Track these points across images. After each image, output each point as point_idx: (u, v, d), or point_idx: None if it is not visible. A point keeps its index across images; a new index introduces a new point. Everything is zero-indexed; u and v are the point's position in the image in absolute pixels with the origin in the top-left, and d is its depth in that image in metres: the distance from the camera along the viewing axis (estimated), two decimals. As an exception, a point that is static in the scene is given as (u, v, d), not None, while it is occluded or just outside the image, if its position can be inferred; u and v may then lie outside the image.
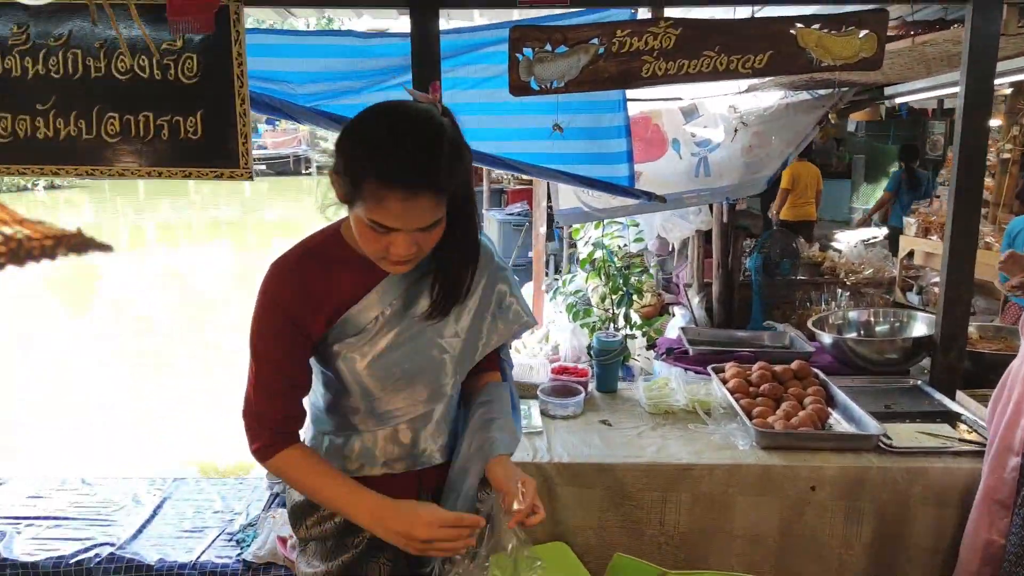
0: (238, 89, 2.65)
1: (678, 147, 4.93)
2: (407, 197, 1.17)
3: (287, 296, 1.33)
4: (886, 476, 2.17)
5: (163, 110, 2.64)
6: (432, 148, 1.18)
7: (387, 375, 1.40)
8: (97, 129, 2.66)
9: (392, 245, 1.23)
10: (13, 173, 2.76)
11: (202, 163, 2.69)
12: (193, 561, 2.47)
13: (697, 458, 2.25)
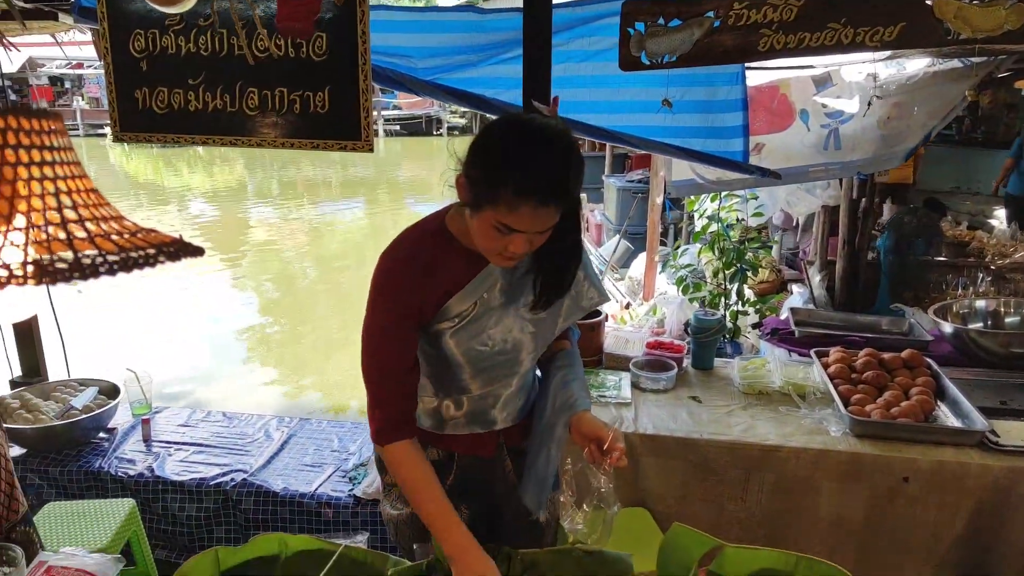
0: (361, 67, 2.83)
1: (806, 118, 4.72)
2: (539, 206, 1.29)
3: (404, 285, 1.45)
4: (987, 473, 2.09)
5: (295, 86, 2.87)
6: (565, 164, 1.30)
7: (478, 353, 1.54)
8: (239, 103, 2.94)
9: (511, 244, 1.34)
10: (169, 142, 3.11)
11: (328, 136, 2.90)
12: (312, 492, 2.77)
13: (785, 440, 2.25)
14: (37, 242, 0.93)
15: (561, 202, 1.31)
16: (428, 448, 1.64)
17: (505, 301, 1.53)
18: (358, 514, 2.68)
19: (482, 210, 1.33)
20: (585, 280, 1.62)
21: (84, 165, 1.11)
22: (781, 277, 6.30)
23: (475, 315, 1.50)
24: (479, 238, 1.39)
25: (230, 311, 7.82)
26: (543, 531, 1.74)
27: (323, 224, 12.82)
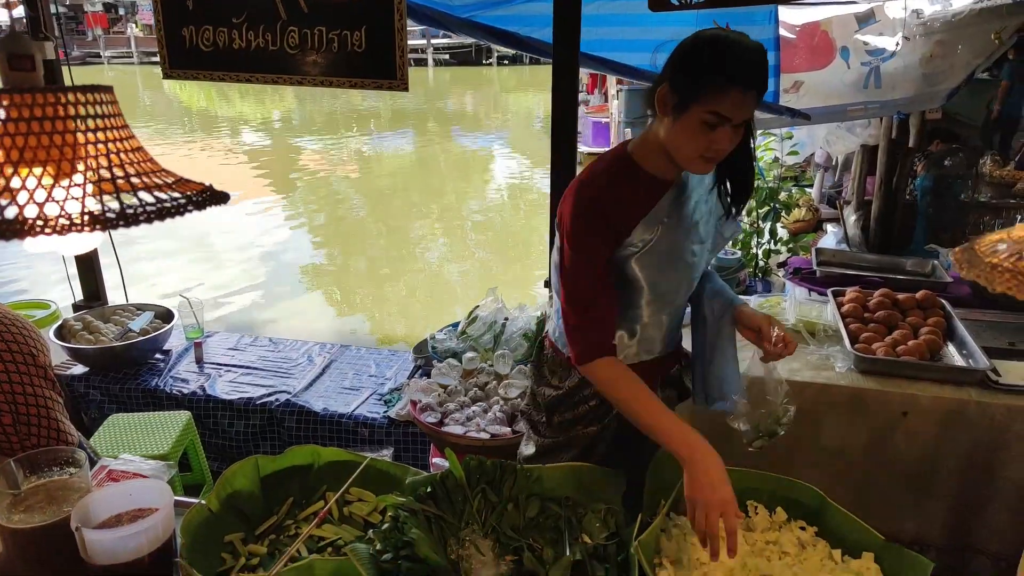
0: (397, 5, 2.91)
1: (847, 56, 4.63)
2: (745, 91, 1.41)
3: (600, 213, 1.54)
4: (985, 411, 2.19)
5: (333, 25, 2.96)
6: (761, 57, 1.44)
7: (659, 277, 1.64)
8: (281, 41, 3.05)
9: (716, 140, 1.45)
10: (215, 79, 3.25)
11: (364, 74, 3.01)
12: (350, 412, 3.00)
13: (791, 375, 2.37)
14: (92, 195, 1.10)
15: (761, 89, 1.44)
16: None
17: (686, 225, 1.64)
18: (391, 433, 2.90)
19: (689, 110, 1.44)
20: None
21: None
22: (818, 216, 6.28)
23: (658, 239, 1.59)
24: (684, 142, 1.48)
25: (282, 241, 8.10)
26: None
27: (373, 155, 12.99)
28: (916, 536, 2.38)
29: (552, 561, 1.45)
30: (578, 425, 1.81)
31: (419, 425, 2.45)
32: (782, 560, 1.41)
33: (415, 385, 2.55)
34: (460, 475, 1.58)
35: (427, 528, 1.47)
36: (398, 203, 9.80)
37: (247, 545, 1.57)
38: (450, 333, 3.03)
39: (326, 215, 9.25)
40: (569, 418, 1.81)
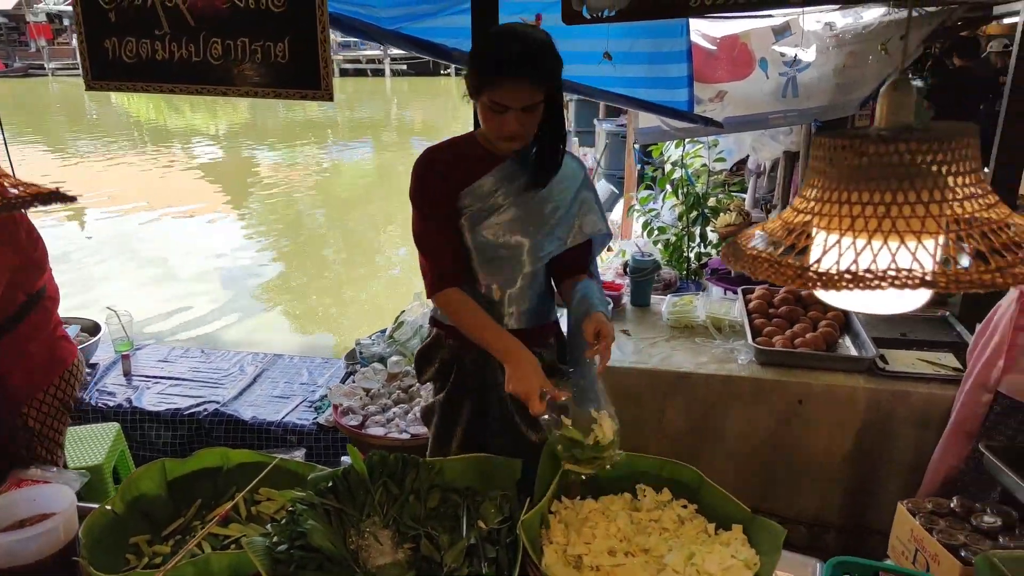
0: (319, 17, 2.96)
1: (765, 66, 4.83)
2: (515, 80, 1.60)
3: (439, 162, 1.80)
4: (872, 396, 2.33)
5: (256, 36, 3.00)
6: (529, 45, 1.61)
7: (484, 242, 1.82)
8: (204, 52, 3.08)
9: (504, 123, 1.64)
10: (138, 90, 3.25)
11: (289, 85, 3.05)
12: (279, 420, 3.02)
13: (697, 368, 2.50)
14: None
15: (532, 76, 1.60)
16: (446, 342, 1.94)
17: (512, 200, 1.80)
18: (320, 439, 2.94)
19: (479, 96, 1.65)
20: (592, 206, 1.87)
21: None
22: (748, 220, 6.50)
23: (484, 208, 1.80)
24: (484, 124, 1.69)
25: (232, 253, 8.01)
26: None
27: (330, 166, 12.90)
28: (817, 517, 2.52)
29: (448, 546, 1.52)
30: (434, 389, 2.05)
31: (341, 429, 2.49)
32: (662, 535, 1.50)
33: (338, 390, 2.60)
34: (362, 470, 1.64)
35: (326, 521, 1.53)
36: (355, 213, 9.79)
37: (152, 546, 1.60)
38: (378, 338, 3.08)
39: (281, 227, 9.19)
40: (427, 379, 2.03)
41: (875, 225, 0.80)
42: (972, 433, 2.04)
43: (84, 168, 12.14)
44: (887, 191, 0.80)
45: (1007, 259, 0.75)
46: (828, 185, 0.85)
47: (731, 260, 0.91)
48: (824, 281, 0.79)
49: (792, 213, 0.89)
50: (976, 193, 0.82)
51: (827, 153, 0.85)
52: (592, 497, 1.65)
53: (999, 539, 1.56)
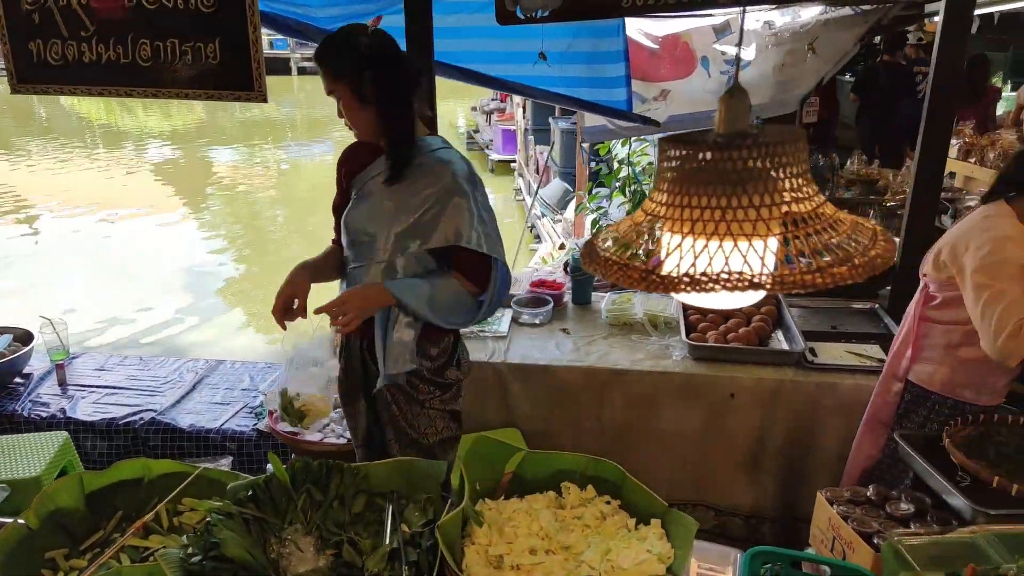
0: (250, 18, 2.92)
1: (707, 65, 4.90)
2: (323, 71, 1.83)
3: (345, 152, 2.04)
4: (800, 388, 2.39)
5: (186, 37, 2.95)
6: (336, 40, 1.83)
7: (347, 228, 1.96)
8: (132, 54, 3.01)
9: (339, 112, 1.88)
10: (67, 92, 3.16)
11: (221, 86, 3.00)
12: (217, 428, 2.97)
13: (633, 365, 2.52)
14: None
15: (327, 67, 1.81)
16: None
17: (380, 192, 1.90)
18: (260, 446, 2.90)
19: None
20: (463, 214, 1.85)
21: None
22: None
23: (358, 195, 1.95)
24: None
25: (196, 256, 7.81)
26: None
27: (290, 167, 12.67)
28: (753, 509, 2.57)
29: (370, 551, 1.51)
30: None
31: (275, 435, 2.46)
32: (584, 532, 1.51)
33: (274, 396, 2.57)
34: (283, 477, 1.62)
35: (245, 530, 1.51)
36: (316, 214, 9.65)
37: (70, 560, 1.57)
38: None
39: (240, 228, 9.00)
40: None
41: (712, 228, 0.82)
42: (887, 422, 2.10)
43: (33, 171, 11.78)
44: (723, 195, 0.82)
45: (828, 259, 0.78)
46: (672, 188, 0.86)
47: (587, 261, 0.92)
48: (666, 284, 0.81)
49: (641, 215, 0.91)
50: (805, 195, 0.84)
51: (670, 158, 0.87)
52: (518, 496, 1.65)
53: (911, 525, 1.61)
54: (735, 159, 0.82)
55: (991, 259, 1.79)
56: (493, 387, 2.58)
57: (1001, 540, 1.38)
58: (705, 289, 0.78)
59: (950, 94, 2.62)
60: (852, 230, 0.85)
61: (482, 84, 3.37)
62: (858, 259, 0.79)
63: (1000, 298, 1.76)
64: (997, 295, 1.76)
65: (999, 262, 1.79)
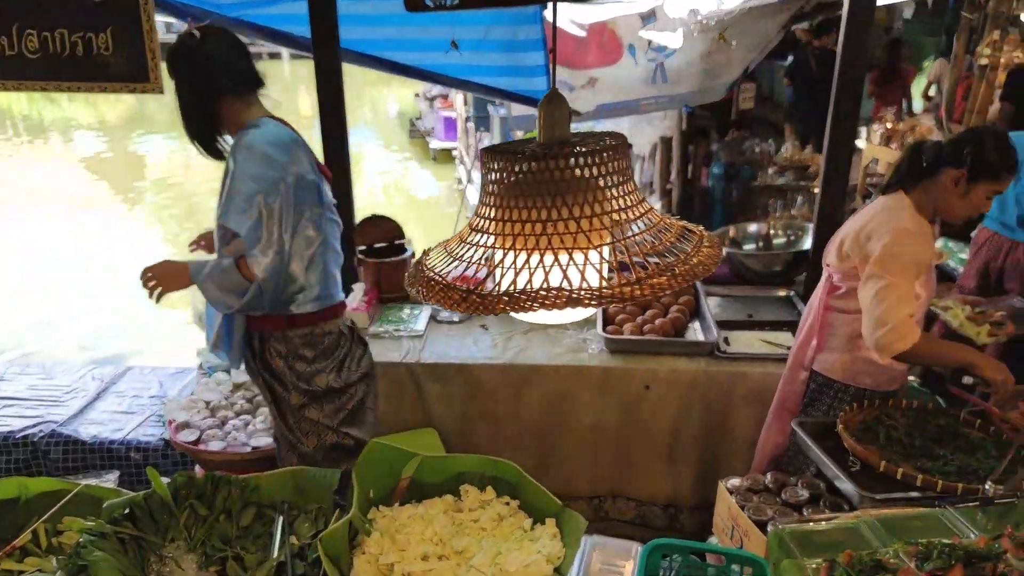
0: (143, 5, 2.78)
1: (634, 52, 4.88)
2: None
3: None
4: (713, 378, 2.40)
5: (75, 27, 2.79)
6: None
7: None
8: (18, 46, 2.83)
9: None
10: (-52, 86, 2.97)
11: (115, 78, 2.85)
12: (122, 438, 2.83)
13: (550, 360, 2.50)
14: None
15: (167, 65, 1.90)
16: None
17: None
18: (168, 456, 2.78)
19: None
20: (233, 200, 1.84)
21: None
22: (632, 206, 6.62)
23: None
24: None
25: (130, 252, 7.44)
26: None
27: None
28: (671, 499, 2.58)
29: (256, 566, 1.45)
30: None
31: (175, 446, 2.37)
32: (480, 535, 1.48)
33: (175, 404, 2.47)
34: (164, 493, 1.54)
35: (120, 550, 1.43)
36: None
37: (-68, 590, 1.46)
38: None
39: (177, 223, 8.64)
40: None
41: (535, 243, 0.78)
42: (793, 411, 2.12)
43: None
44: (544, 207, 0.78)
45: (647, 271, 0.75)
46: (495, 202, 0.82)
47: (410, 281, 0.87)
48: (486, 305, 0.76)
49: (467, 231, 0.86)
50: (630, 203, 0.81)
51: (491, 169, 0.82)
52: (417, 501, 1.60)
53: (804, 511, 1.62)
54: (553, 169, 0.78)
55: (889, 251, 1.82)
56: (408, 388, 2.52)
57: (883, 524, 1.39)
58: (524, 308, 0.75)
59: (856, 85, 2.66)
60: (678, 237, 0.83)
61: (396, 72, 3.29)
62: (679, 268, 0.76)
63: (890, 291, 1.78)
64: (888, 287, 1.79)
65: (896, 255, 1.81)
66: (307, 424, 2.02)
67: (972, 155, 1.80)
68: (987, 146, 1.79)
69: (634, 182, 0.85)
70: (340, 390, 2.03)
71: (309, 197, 1.87)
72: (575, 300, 0.74)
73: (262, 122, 1.89)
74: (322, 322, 1.97)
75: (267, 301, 1.87)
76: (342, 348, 2.04)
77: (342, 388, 2.03)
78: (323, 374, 2.00)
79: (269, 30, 3.30)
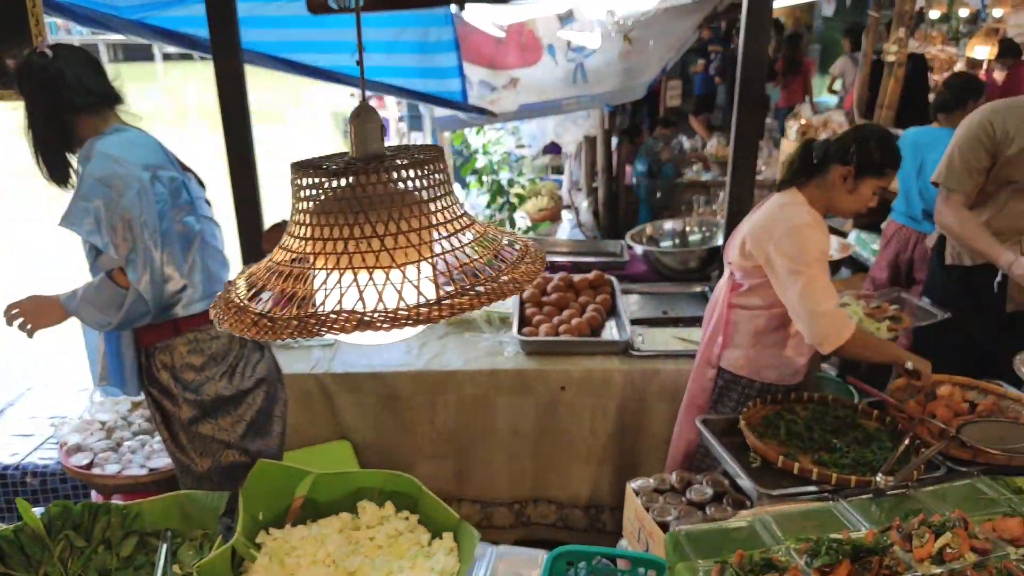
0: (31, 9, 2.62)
1: (554, 53, 4.89)
2: None
3: None
4: (627, 377, 2.40)
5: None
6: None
7: None
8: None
9: None
10: None
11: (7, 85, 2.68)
12: (17, 463, 2.67)
13: (464, 364, 2.46)
14: None
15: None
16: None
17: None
18: (67, 480, 2.63)
19: None
20: (78, 208, 1.74)
21: None
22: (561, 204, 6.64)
23: None
24: None
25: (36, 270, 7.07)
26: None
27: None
28: (591, 500, 2.57)
29: (134, 600, 1.37)
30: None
31: (67, 470, 2.24)
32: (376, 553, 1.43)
33: (67, 425, 2.33)
34: (36, 525, 1.44)
35: (-18, 591, 1.33)
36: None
37: None
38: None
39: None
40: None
41: (335, 262, 0.74)
42: (703, 407, 2.14)
43: None
44: (346, 225, 0.74)
45: (450, 290, 0.72)
46: (306, 220, 0.77)
47: (213, 307, 0.81)
48: (274, 330, 0.72)
49: (280, 252, 0.81)
50: (445, 219, 0.78)
51: (303, 187, 0.77)
52: (312, 520, 1.54)
53: (707, 510, 1.62)
54: (365, 184, 0.74)
55: (796, 248, 1.85)
56: (319, 399, 2.45)
57: (778, 520, 1.40)
58: (313, 332, 0.70)
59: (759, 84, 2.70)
60: (495, 254, 0.80)
61: (306, 75, 3.20)
62: (484, 286, 0.73)
63: (812, 285, 1.82)
64: (809, 281, 1.82)
65: (804, 250, 1.84)
66: (200, 442, 1.92)
67: (857, 152, 1.84)
68: (871, 144, 1.84)
69: (454, 195, 0.81)
70: (232, 399, 1.93)
71: (169, 195, 1.79)
72: (366, 323, 0.70)
73: (113, 129, 1.81)
74: (209, 326, 1.89)
75: (150, 305, 1.77)
76: (233, 352, 1.95)
77: (234, 396, 1.94)
78: (212, 382, 1.90)
79: (170, 32, 3.17)
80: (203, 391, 1.87)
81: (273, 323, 0.70)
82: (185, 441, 1.93)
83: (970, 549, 1.28)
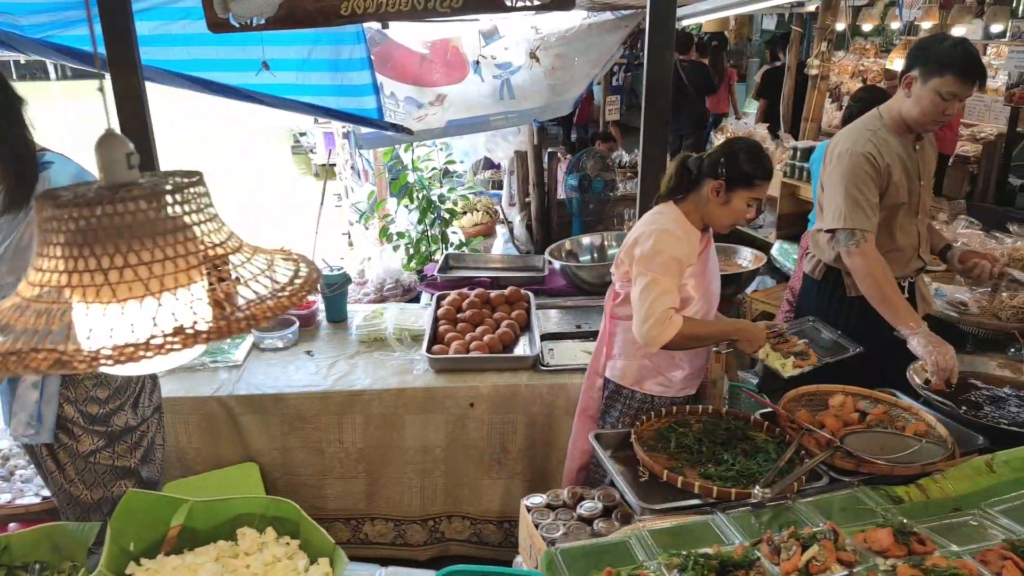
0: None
1: (479, 70, 4.92)
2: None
3: None
4: (534, 392, 2.42)
5: None
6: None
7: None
8: None
9: None
10: None
11: None
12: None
13: (372, 384, 2.44)
14: None
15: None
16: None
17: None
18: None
19: None
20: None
21: None
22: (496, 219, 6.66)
23: None
24: None
25: None
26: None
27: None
28: (503, 514, 2.56)
29: (-9, 642, 1.31)
30: None
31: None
32: (251, 584, 1.39)
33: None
34: None
35: None
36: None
37: None
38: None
39: None
40: None
41: (69, 295, 0.72)
42: (594, 417, 2.17)
43: None
44: (78, 258, 0.72)
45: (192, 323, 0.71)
46: (60, 253, 0.74)
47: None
48: (16, 363, 0.69)
49: (27, 287, 0.78)
50: (213, 242, 0.77)
51: (51, 219, 0.74)
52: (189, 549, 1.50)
53: (594, 525, 1.63)
54: (123, 212, 0.72)
55: (650, 250, 1.90)
56: (223, 422, 2.39)
57: (656, 536, 1.42)
58: (11, 371, 0.68)
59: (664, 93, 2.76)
60: (270, 268, 0.79)
61: (214, 92, 3.14)
62: (214, 323, 0.72)
63: (653, 287, 1.86)
64: (650, 283, 1.87)
65: (657, 252, 1.89)
66: (92, 473, 1.86)
67: (727, 165, 1.89)
68: (740, 156, 1.90)
69: (220, 220, 0.80)
70: (136, 428, 1.91)
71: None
72: (63, 363, 0.67)
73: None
74: None
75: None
76: (134, 382, 1.91)
77: (139, 425, 1.91)
78: (121, 412, 1.87)
79: (74, 51, 3.09)
80: (112, 422, 1.84)
81: (5, 358, 0.68)
82: (74, 474, 1.87)
83: (837, 561, 1.30)
